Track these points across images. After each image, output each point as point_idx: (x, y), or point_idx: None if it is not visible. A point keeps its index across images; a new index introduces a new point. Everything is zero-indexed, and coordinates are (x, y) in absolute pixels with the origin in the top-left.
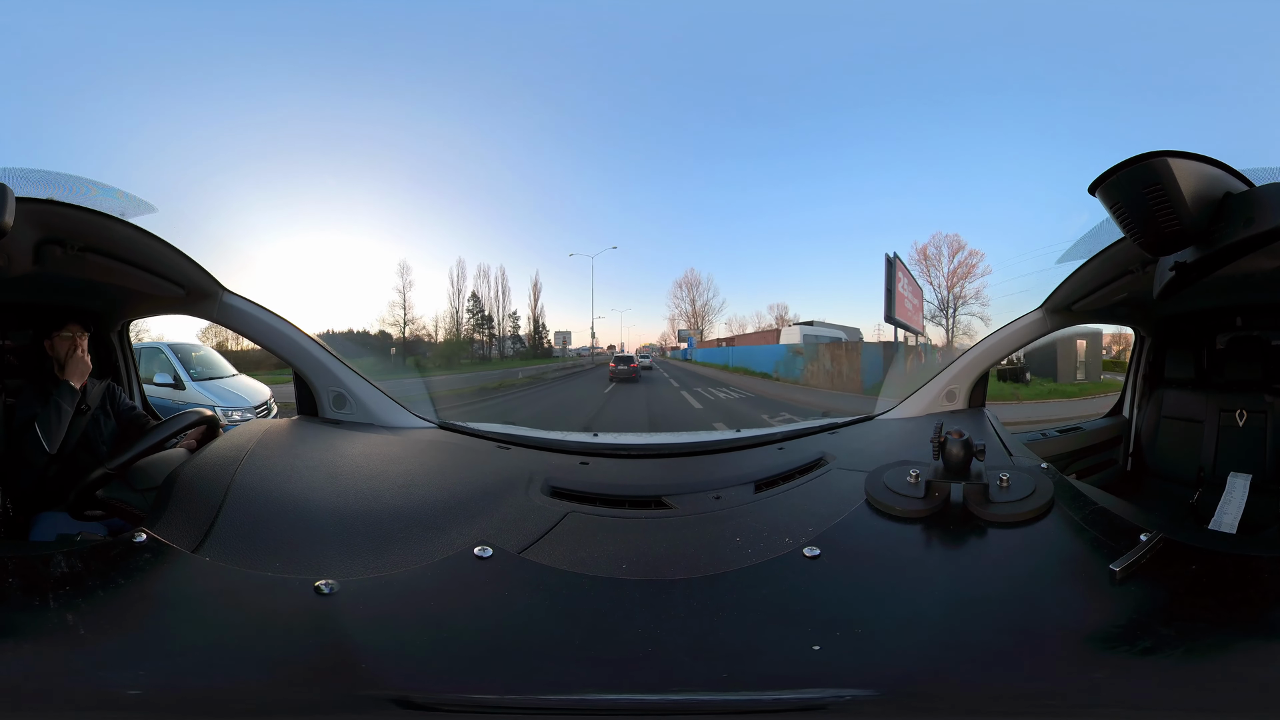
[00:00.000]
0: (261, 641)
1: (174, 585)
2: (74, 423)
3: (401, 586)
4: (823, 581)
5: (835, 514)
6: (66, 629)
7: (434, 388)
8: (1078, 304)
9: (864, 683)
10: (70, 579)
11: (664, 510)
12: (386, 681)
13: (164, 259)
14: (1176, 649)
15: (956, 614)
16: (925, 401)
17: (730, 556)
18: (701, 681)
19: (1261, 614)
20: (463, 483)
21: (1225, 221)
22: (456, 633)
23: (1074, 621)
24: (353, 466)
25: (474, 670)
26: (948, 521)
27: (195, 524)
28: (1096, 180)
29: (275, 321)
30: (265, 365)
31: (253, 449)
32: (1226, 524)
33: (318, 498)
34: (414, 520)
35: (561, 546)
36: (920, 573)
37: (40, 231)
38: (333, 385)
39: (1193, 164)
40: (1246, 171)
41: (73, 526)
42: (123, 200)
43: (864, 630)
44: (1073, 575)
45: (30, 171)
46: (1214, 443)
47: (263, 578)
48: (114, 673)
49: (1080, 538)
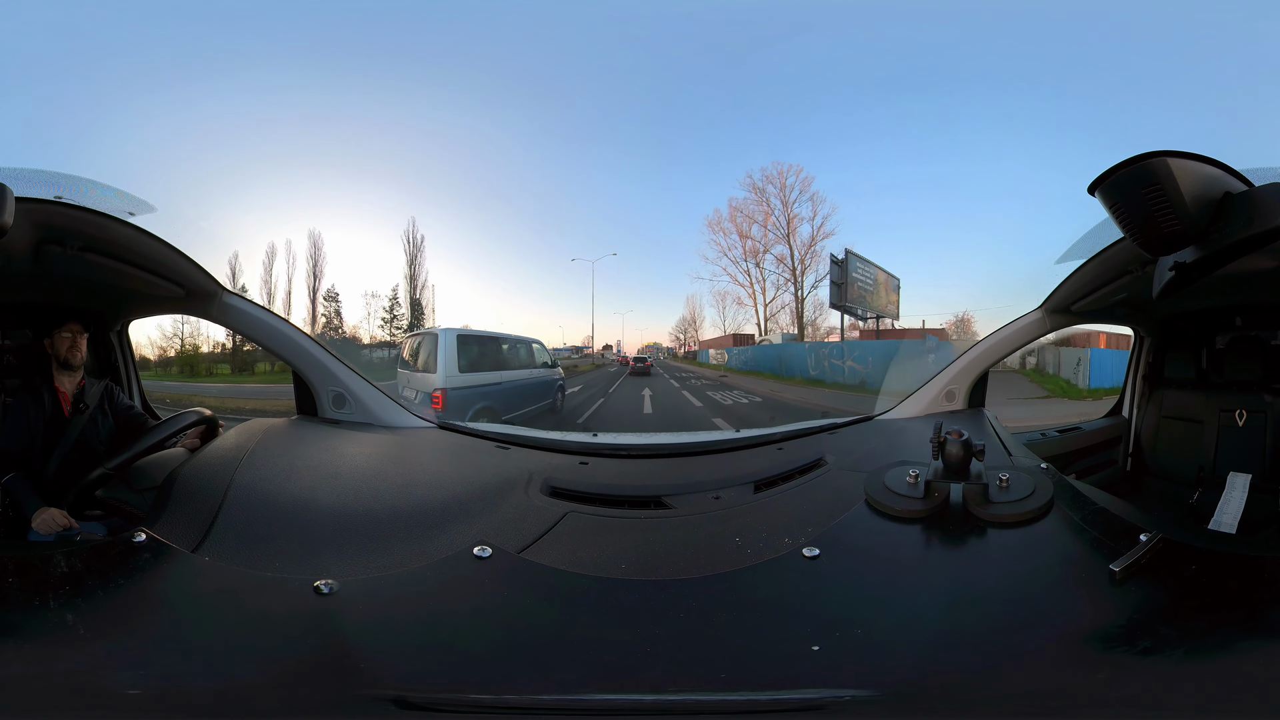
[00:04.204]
0: (261, 641)
1: (174, 585)
2: (72, 422)
3: (401, 586)
4: (822, 582)
5: (835, 514)
6: (66, 628)
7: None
8: (1077, 304)
9: (864, 683)
10: (70, 578)
11: (663, 510)
12: (385, 681)
13: (164, 259)
14: (1177, 649)
15: (956, 614)
16: (924, 402)
17: (729, 557)
18: (701, 682)
19: (1262, 614)
20: (462, 482)
21: (1225, 221)
22: (455, 632)
23: (1074, 622)
24: (352, 466)
25: (472, 670)
26: (947, 522)
27: (195, 524)
28: (1096, 180)
29: (275, 321)
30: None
31: (252, 449)
32: (1226, 524)
33: (317, 497)
34: (413, 520)
35: (561, 546)
36: (920, 573)
37: (40, 231)
38: (332, 385)
39: (1192, 164)
40: (1246, 171)
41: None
42: (123, 200)
43: (864, 630)
44: (1073, 575)
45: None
46: (1214, 442)
47: (262, 577)
48: (113, 672)
49: (1080, 538)
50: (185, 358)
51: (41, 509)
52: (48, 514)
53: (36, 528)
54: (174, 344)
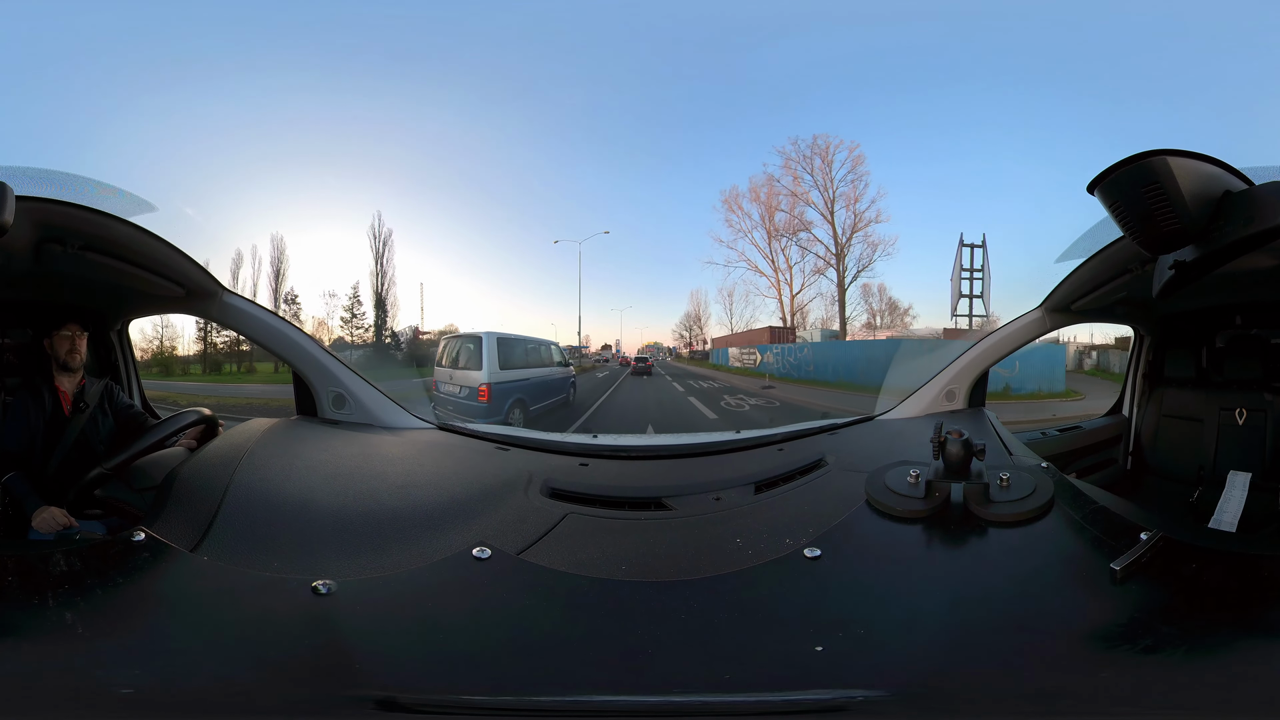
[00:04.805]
0: (258, 641)
1: (172, 584)
2: (72, 421)
3: (400, 587)
4: (824, 582)
5: (835, 515)
6: (65, 627)
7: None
8: (1077, 303)
9: (867, 683)
10: (69, 577)
11: (664, 512)
12: (379, 682)
13: (164, 258)
14: (1178, 648)
15: (957, 614)
16: (925, 402)
17: (730, 558)
18: (702, 683)
19: (1262, 612)
20: (462, 483)
21: (1224, 220)
22: (454, 633)
23: (1075, 621)
24: (352, 467)
25: (471, 671)
26: (948, 521)
27: (194, 523)
28: (1095, 179)
29: (274, 321)
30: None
31: (252, 449)
32: (1226, 522)
33: (317, 498)
34: (413, 521)
35: (560, 548)
36: (921, 573)
37: (40, 230)
38: (332, 385)
39: (1192, 162)
40: (1246, 170)
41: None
42: (123, 199)
43: (866, 631)
44: (1073, 574)
45: (31, 170)
46: (1214, 441)
47: (261, 577)
48: (111, 671)
49: (1081, 537)
50: (161, 360)
51: (41, 508)
52: (48, 513)
53: (36, 526)
54: (154, 345)
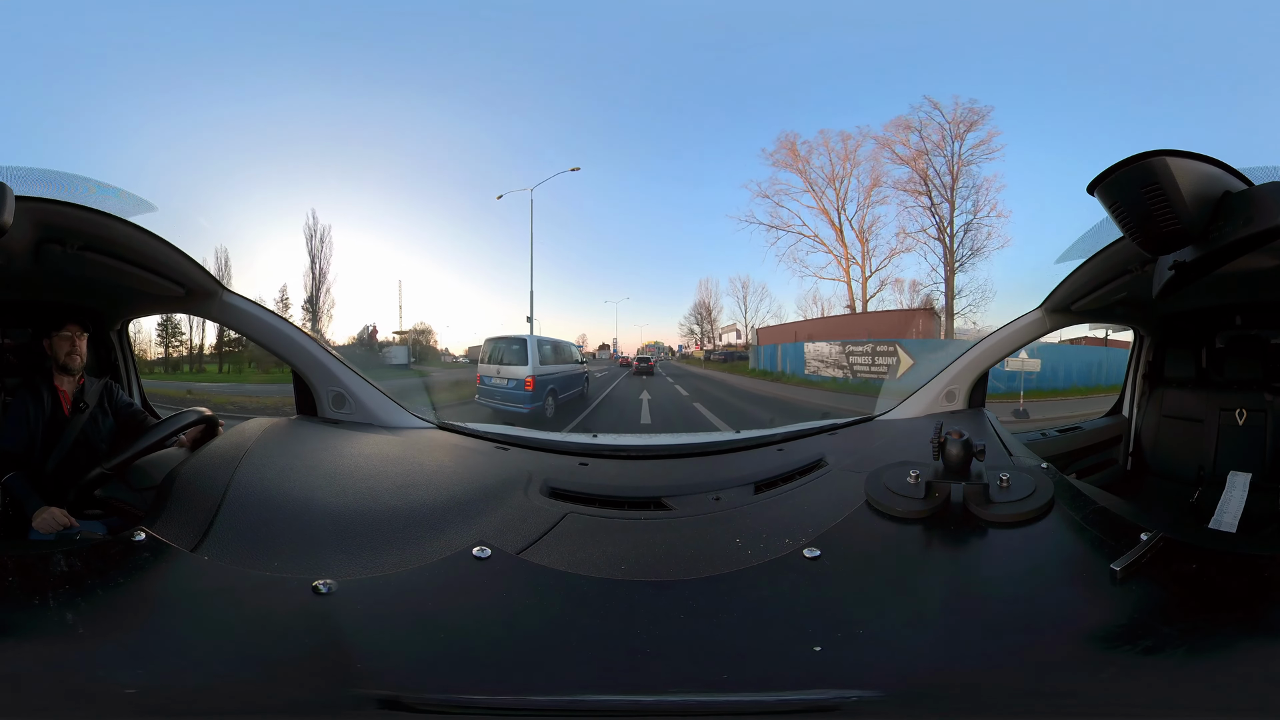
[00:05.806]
0: (259, 640)
1: (173, 584)
2: (71, 421)
3: (400, 586)
4: (823, 582)
5: (835, 515)
6: (65, 627)
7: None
8: (1077, 304)
9: (866, 683)
10: (70, 577)
11: (663, 511)
12: (379, 681)
13: (164, 258)
14: (1178, 648)
15: (957, 614)
16: (925, 402)
17: (730, 558)
18: (701, 683)
19: (1262, 613)
20: (462, 483)
21: (1224, 220)
22: (454, 633)
23: (1075, 621)
24: (352, 466)
25: (470, 671)
26: (948, 522)
27: (194, 523)
28: (1095, 180)
29: (275, 321)
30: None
31: (252, 448)
32: (1227, 523)
33: (317, 497)
34: (413, 520)
35: (560, 547)
36: (921, 573)
37: (40, 230)
38: (332, 385)
39: (1191, 163)
40: (1245, 170)
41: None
42: (123, 199)
43: (865, 631)
44: (1074, 575)
45: (31, 170)
46: (1214, 441)
47: (261, 577)
48: (111, 670)
49: (1081, 537)
50: (146, 361)
51: (42, 508)
52: (48, 513)
53: (37, 526)
54: (148, 349)
